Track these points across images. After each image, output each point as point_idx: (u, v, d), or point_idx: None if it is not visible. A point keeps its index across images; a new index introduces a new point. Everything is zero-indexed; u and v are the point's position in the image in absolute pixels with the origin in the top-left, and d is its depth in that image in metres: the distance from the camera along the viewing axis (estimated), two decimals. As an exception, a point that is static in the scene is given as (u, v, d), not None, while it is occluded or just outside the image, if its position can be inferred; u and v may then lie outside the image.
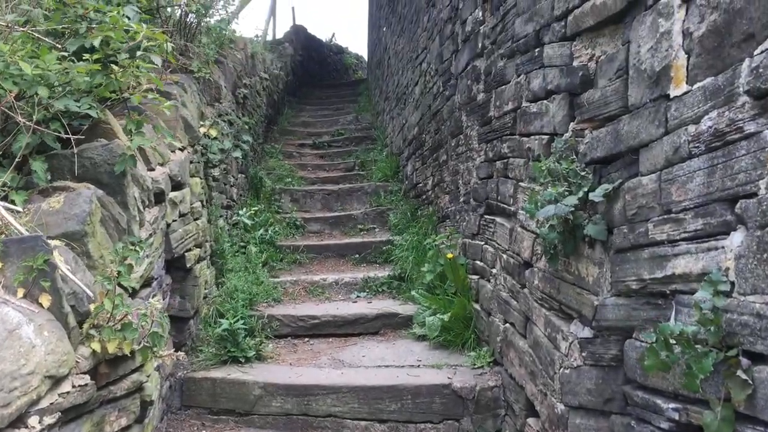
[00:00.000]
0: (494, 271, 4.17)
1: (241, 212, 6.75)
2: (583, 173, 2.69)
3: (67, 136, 2.97)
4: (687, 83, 1.97)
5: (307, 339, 5.14)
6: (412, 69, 7.76)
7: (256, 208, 7.10)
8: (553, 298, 3.02)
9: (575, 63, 2.87)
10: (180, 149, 4.42)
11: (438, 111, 6.07)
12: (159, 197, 3.73)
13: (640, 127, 2.25)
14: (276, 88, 11.35)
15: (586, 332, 2.66)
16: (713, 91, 1.82)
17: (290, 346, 5.00)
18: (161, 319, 2.58)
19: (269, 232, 6.87)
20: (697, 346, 1.75)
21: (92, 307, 2.47)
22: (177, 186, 4.16)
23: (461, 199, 5.17)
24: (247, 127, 7.41)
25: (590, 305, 2.60)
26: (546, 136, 3.19)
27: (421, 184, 7.08)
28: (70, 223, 2.67)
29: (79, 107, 3.13)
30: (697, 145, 1.89)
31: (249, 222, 6.67)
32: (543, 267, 3.18)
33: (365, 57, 19.23)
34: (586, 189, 2.60)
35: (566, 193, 2.71)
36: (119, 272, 2.51)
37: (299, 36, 15.83)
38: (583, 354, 2.64)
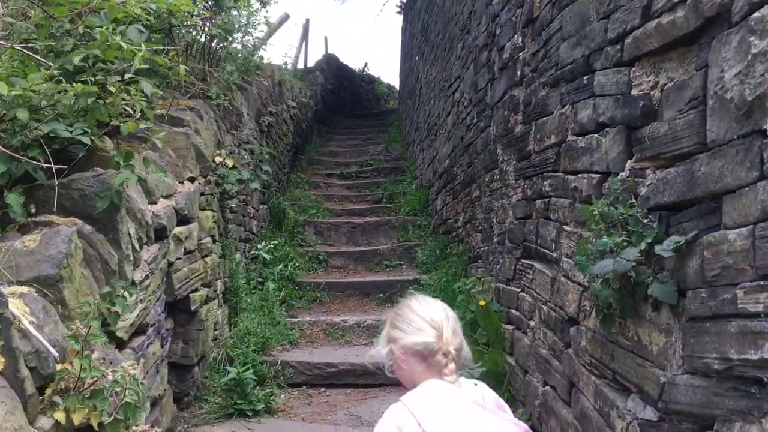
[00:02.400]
0: (532, 323, 3.70)
1: (260, 246, 6.40)
2: (645, 221, 2.25)
3: (53, 165, 2.63)
4: (793, 115, 1.55)
5: (323, 389, 4.71)
6: (444, 99, 7.39)
7: (276, 242, 6.73)
8: (606, 365, 2.56)
9: (634, 92, 2.45)
10: (190, 180, 4.08)
11: (471, 143, 5.67)
12: (160, 233, 3.37)
13: (723, 168, 1.82)
14: (305, 116, 11.08)
15: (649, 413, 2.20)
16: (836, 126, 1.39)
17: (304, 396, 4.57)
18: (137, 387, 2.19)
19: (289, 267, 6.47)
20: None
21: (59, 368, 2.09)
22: (183, 220, 3.80)
23: (495, 239, 4.73)
24: (268, 156, 7.08)
25: (654, 381, 2.14)
26: (597, 175, 2.77)
27: (451, 220, 6.65)
28: (43, 266, 2.30)
29: (71, 132, 2.80)
30: (810, 194, 1.46)
31: (268, 257, 6.29)
32: (593, 327, 2.73)
33: (397, 86, 19.02)
34: (649, 240, 2.17)
35: (624, 243, 2.27)
36: (90, 327, 2.12)
37: (331, 65, 15.66)
38: (646, 440, 2.17)
